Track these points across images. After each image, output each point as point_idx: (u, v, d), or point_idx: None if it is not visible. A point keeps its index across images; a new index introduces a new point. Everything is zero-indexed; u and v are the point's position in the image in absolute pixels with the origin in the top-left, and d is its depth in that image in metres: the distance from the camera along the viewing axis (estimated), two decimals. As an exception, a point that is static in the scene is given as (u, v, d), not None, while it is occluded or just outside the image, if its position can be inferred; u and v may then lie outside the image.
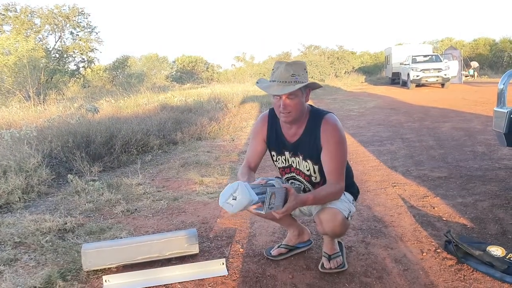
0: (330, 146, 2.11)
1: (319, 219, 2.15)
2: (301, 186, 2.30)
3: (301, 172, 2.27)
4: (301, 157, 2.23)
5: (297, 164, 2.27)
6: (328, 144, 2.11)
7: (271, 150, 2.33)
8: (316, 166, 2.20)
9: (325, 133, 2.12)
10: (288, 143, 2.24)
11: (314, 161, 2.19)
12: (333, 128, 2.13)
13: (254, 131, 2.36)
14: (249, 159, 2.32)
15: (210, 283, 2.26)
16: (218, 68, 39.78)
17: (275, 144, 2.29)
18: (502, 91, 3.27)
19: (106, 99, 11.66)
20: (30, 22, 19.99)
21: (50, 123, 6.92)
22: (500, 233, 2.68)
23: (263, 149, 2.33)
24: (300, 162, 2.25)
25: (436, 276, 2.20)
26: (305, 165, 2.23)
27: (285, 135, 2.25)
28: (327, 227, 2.14)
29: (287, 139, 2.24)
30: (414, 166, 4.62)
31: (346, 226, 2.21)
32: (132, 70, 30.58)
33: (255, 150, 2.33)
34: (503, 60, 32.14)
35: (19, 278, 2.34)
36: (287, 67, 2.03)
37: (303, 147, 2.20)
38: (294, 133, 2.21)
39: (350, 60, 32.09)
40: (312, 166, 2.21)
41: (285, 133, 2.25)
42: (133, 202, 3.79)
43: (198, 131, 7.45)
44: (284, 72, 2.02)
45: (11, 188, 3.88)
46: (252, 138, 2.37)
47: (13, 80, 13.67)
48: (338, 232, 2.18)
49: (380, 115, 9.61)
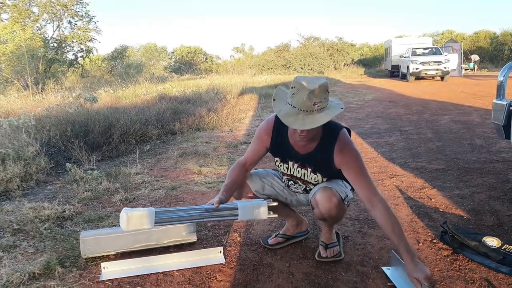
0: (353, 170, 2.08)
1: (315, 201, 2.16)
2: (303, 187, 2.32)
3: (306, 182, 2.27)
4: (309, 169, 2.20)
5: (302, 175, 2.24)
6: (349, 168, 2.08)
7: (275, 156, 2.29)
8: (325, 178, 2.21)
9: (342, 156, 2.08)
10: (297, 153, 2.18)
11: (324, 175, 2.19)
12: (349, 149, 2.09)
13: (257, 136, 2.29)
14: (247, 158, 2.31)
15: (207, 271, 2.28)
16: (217, 59, 39.73)
17: (280, 152, 2.24)
18: (501, 84, 3.27)
19: (105, 89, 11.65)
20: (28, 11, 19.83)
21: (49, 112, 6.90)
22: (496, 225, 2.70)
23: (263, 154, 2.31)
24: (307, 174, 2.22)
25: (432, 266, 2.22)
26: (314, 177, 2.22)
27: (294, 146, 2.17)
28: (323, 208, 2.13)
29: (295, 150, 2.17)
30: (412, 158, 4.63)
31: (343, 210, 2.21)
32: (131, 61, 30.47)
33: (255, 153, 2.30)
34: (504, 53, 32.11)
35: (18, 264, 2.35)
36: (309, 95, 1.83)
37: (314, 162, 2.17)
38: (305, 145, 2.14)
39: (349, 52, 32.01)
40: (321, 178, 2.21)
41: (294, 144, 2.17)
42: (131, 191, 3.80)
43: (196, 122, 7.46)
44: (306, 99, 1.84)
45: (10, 176, 3.89)
46: (254, 141, 2.30)
47: (12, 69, 13.61)
48: (334, 214, 2.16)
49: (379, 108, 9.61)
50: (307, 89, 1.83)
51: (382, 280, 2.09)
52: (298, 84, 1.87)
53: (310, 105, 1.85)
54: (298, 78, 1.90)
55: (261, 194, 2.38)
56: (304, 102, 1.84)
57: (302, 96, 1.84)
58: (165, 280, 2.20)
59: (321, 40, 32.20)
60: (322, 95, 1.87)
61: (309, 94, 1.83)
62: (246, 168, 2.32)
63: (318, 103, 1.86)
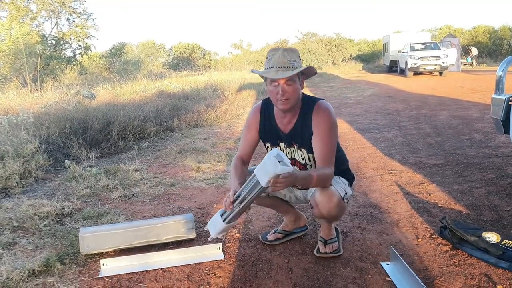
0: (320, 130, 2.10)
1: (315, 201, 2.15)
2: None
3: (297, 161, 2.28)
4: (295, 146, 2.23)
5: (292, 154, 2.27)
6: (318, 128, 2.10)
7: (265, 142, 2.33)
8: (310, 154, 2.20)
9: (316, 118, 2.12)
10: (283, 133, 2.23)
11: (308, 149, 2.19)
12: (324, 113, 2.12)
13: (247, 123, 2.36)
14: (242, 151, 2.33)
15: (206, 267, 2.28)
16: (215, 55, 39.65)
17: (269, 135, 2.28)
18: (500, 78, 3.27)
19: (103, 86, 11.61)
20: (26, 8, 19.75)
21: (47, 109, 6.89)
22: (496, 220, 2.70)
23: (256, 140, 2.33)
24: (295, 152, 2.25)
25: (431, 261, 2.22)
26: (300, 154, 2.24)
27: (279, 125, 2.23)
28: (323, 209, 2.13)
29: (281, 129, 2.23)
30: (411, 153, 4.63)
31: (343, 208, 2.22)
32: (129, 57, 30.43)
33: (248, 141, 2.32)
34: (502, 48, 32.08)
35: (18, 261, 2.35)
36: (284, 53, 2.02)
37: (297, 136, 2.20)
38: (288, 122, 2.20)
39: (347, 47, 32.02)
40: (306, 155, 2.22)
41: (279, 123, 2.23)
42: (130, 187, 3.79)
43: (195, 118, 7.44)
44: (282, 57, 2.00)
45: (9, 173, 3.89)
46: (245, 130, 2.36)
47: (10, 66, 13.57)
48: (334, 213, 2.17)
49: (377, 103, 9.61)
50: (281, 49, 2.05)
51: (381, 276, 2.10)
52: (272, 51, 2.08)
53: (286, 61, 2.00)
54: (270, 49, 2.12)
55: None
56: (280, 59, 2.01)
57: (278, 55, 2.02)
58: (164, 276, 2.20)
59: (319, 36, 32.22)
60: (295, 57, 2.05)
61: (283, 51, 2.03)
62: (244, 162, 2.33)
63: (293, 61, 2.02)
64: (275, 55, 2.03)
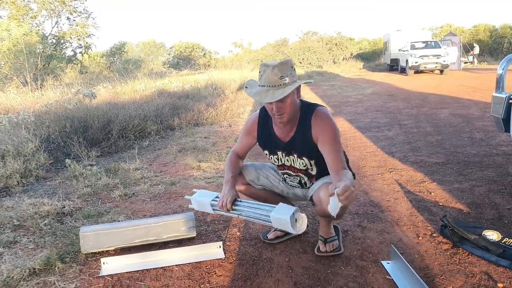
0: (328, 139, 2.08)
1: (319, 199, 2.14)
2: (297, 179, 2.33)
3: (296, 168, 2.28)
4: (295, 155, 2.23)
5: (291, 162, 2.26)
6: (324, 137, 2.09)
7: (264, 149, 2.34)
8: (312, 160, 2.21)
9: (319, 126, 2.10)
10: (281, 143, 2.23)
11: (309, 157, 2.19)
12: (326, 121, 2.11)
13: (245, 128, 2.38)
14: (238, 149, 2.41)
15: (207, 266, 2.28)
16: (215, 54, 39.57)
17: (267, 144, 2.29)
18: (501, 76, 3.26)
19: (104, 85, 11.62)
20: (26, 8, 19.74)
21: (48, 108, 6.89)
22: (496, 218, 2.70)
23: (252, 144, 2.38)
24: (295, 160, 2.24)
25: (432, 259, 2.22)
26: (301, 162, 2.23)
27: (278, 134, 2.23)
28: (326, 206, 2.12)
29: (280, 138, 2.23)
30: (411, 152, 4.63)
31: (345, 206, 2.21)
32: (129, 56, 30.44)
33: (244, 144, 2.39)
34: (503, 46, 32.06)
35: (19, 260, 2.35)
36: (274, 70, 1.96)
37: (297, 145, 2.19)
38: (288, 131, 2.20)
39: (348, 46, 32.00)
40: (308, 162, 2.22)
41: (278, 132, 2.23)
42: (130, 186, 3.79)
43: (195, 117, 7.45)
44: (272, 75, 1.96)
45: (10, 172, 3.89)
46: (243, 133, 2.39)
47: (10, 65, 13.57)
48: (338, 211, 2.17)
49: (378, 102, 9.60)
50: (271, 66, 1.98)
51: (382, 274, 2.10)
52: (263, 66, 2.03)
53: (276, 79, 1.96)
54: (262, 63, 2.06)
55: (256, 184, 2.43)
56: (271, 77, 1.96)
57: (268, 73, 1.97)
58: (165, 275, 2.20)
59: (320, 35, 32.18)
60: (287, 70, 1.99)
61: (273, 69, 1.96)
62: (239, 157, 2.40)
63: (285, 77, 1.97)
64: (266, 71, 1.98)
